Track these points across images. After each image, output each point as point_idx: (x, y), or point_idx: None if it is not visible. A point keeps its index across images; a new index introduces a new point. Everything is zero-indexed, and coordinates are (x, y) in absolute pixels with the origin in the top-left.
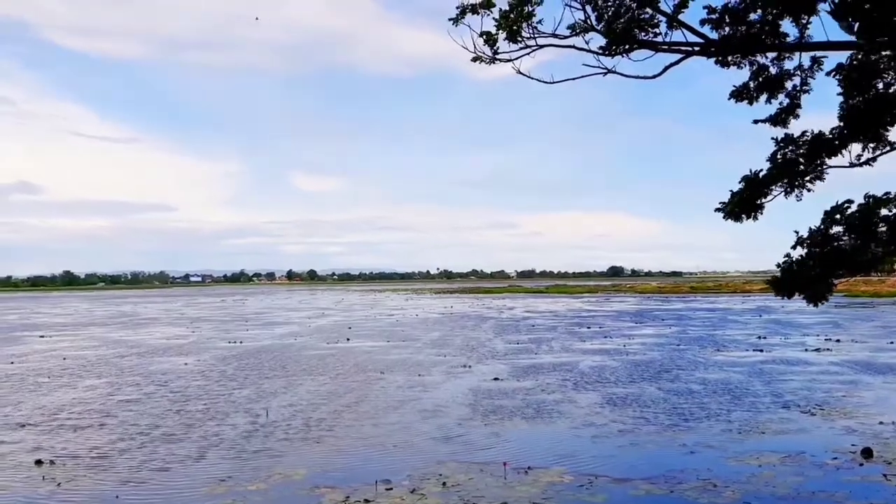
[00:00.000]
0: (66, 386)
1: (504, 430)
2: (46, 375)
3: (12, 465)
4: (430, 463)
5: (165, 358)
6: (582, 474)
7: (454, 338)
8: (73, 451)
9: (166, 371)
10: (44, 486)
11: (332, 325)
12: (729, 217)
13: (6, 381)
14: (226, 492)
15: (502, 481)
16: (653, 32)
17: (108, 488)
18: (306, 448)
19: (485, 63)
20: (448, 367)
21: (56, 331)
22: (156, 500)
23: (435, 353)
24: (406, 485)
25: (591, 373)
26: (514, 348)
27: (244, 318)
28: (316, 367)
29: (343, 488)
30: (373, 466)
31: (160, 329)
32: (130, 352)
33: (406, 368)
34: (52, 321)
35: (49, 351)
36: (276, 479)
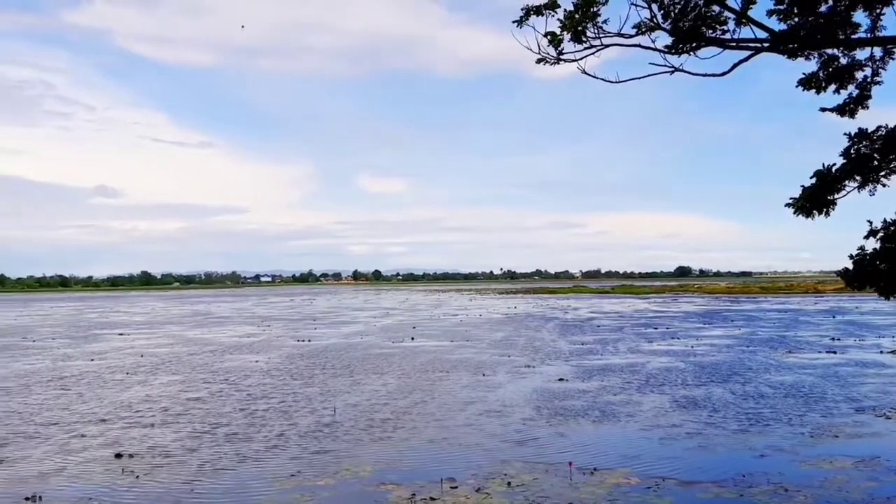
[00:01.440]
0: (143, 382)
1: (569, 431)
2: (125, 372)
3: (94, 458)
4: (495, 462)
5: (237, 356)
6: (648, 476)
7: (518, 338)
8: (150, 444)
9: (238, 368)
10: (123, 478)
11: (397, 324)
12: (799, 212)
13: (88, 378)
14: (295, 486)
15: (567, 482)
16: (720, 29)
17: (183, 481)
18: (372, 445)
19: (549, 64)
20: (512, 367)
21: (134, 329)
22: (229, 493)
23: (499, 353)
24: (471, 483)
25: (657, 374)
26: (579, 349)
27: (312, 318)
28: (381, 367)
29: (409, 485)
30: (438, 465)
31: (232, 328)
32: (204, 350)
33: (470, 368)
34: (130, 320)
35: (127, 348)
36: (344, 475)
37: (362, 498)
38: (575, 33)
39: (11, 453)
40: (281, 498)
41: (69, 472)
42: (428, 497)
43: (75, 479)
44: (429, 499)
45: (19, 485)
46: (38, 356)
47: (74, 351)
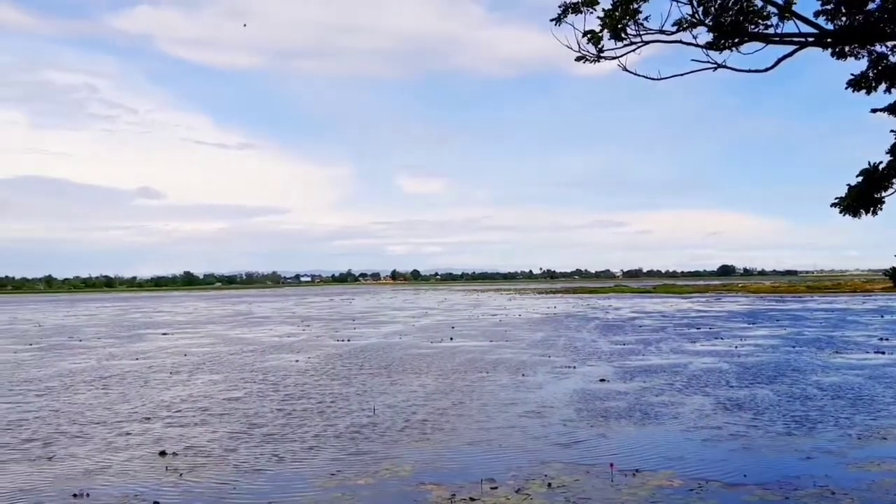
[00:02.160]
0: (185, 381)
1: (610, 432)
2: (168, 371)
3: (139, 455)
4: (535, 463)
5: (278, 355)
6: (692, 478)
7: (558, 338)
8: (192, 443)
9: (278, 368)
10: (167, 475)
11: (436, 324)
12: (846, 212)
13: (132, 377)
14: (336, 485)
15: (609, 483)
16: (763, 24)
17: (226, 479)
18: (412, 445)
19: (589, 61)
20: (552, 367)
21: (177, 328)
22: (270, 491)
23: (539, 353)
24: (511, 484)
25: (700, 375)
26: (620, 349)
27: (351, 318)
28: (420, 367)
29: (449, 485)
30: (478, 465)
31: (272, 327)
32: (245, 349)
33: (510, 369)
34: (173, 319)
35: (171, 348)
36: (384, 475)
37: (402, 497)
38: (615, 31)
39: (59, 451)
40: (322, 496)
41: (115, 469)
42: (468, 497)
43: (121, 477)
44: (468, 499)
45: (67, 482)
46: (84, 355)
47: (119, 350)
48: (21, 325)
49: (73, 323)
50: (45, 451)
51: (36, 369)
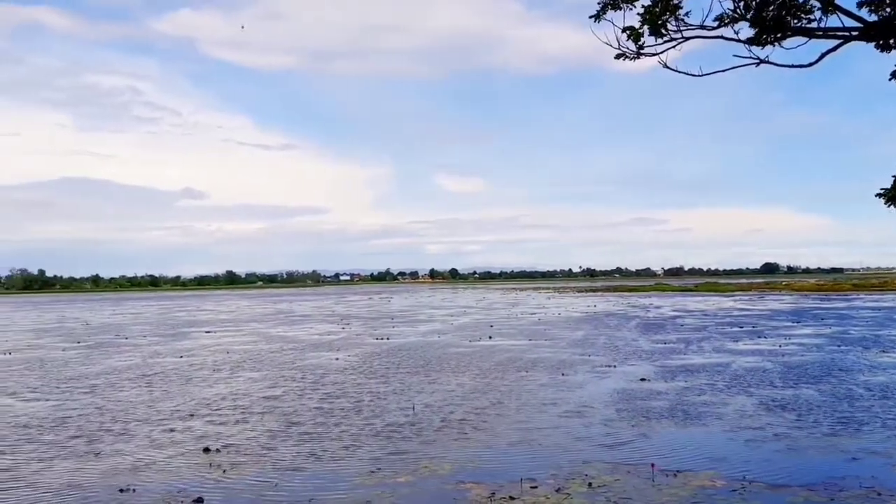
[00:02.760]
0: (229, 378)
1: (652, 432)
2: (211, 369)
3: (183, 451)
4: (576, 463)
5: (317, 353)
6: (734, 479)
7: (598, 337)
8: (235, 440)
9: (319, 366)
10: (211, 472)
11: (474, 323)
12: (891, 203)
13: (176, 374)
14: (376, 483)
15: (650, 483)
16: (806, 18)
17: (268, 476)
18: (451, 443)
19: (629, 58)
20: (592, 366)
21: (220, 327)
22: (311, 487)
23: (578, 352)
24: (551, 483)
25: (744, 374)
26: (662, 348)
27: (390, 316)
28: (459, 365)
29: (488, 484)
30: (517, 464)
31: (313, 325)
32: (286, 347)
33: (549, 367)
34: (216, 318)
35: (214, 345)
36: (423, 473)
37: (442, 495)
38: (655, 27)
39: (105, 447)
40: (362, 494)
41: (159, 465)
42: (507, 496)
43: (165, 473)
44: (508, 498)
45: (113, 477)
46: (130, 353)
47: (163, 348)
48: (69, 323)
49: (119, 321)
50: (92, 447)
51: (83, 367)
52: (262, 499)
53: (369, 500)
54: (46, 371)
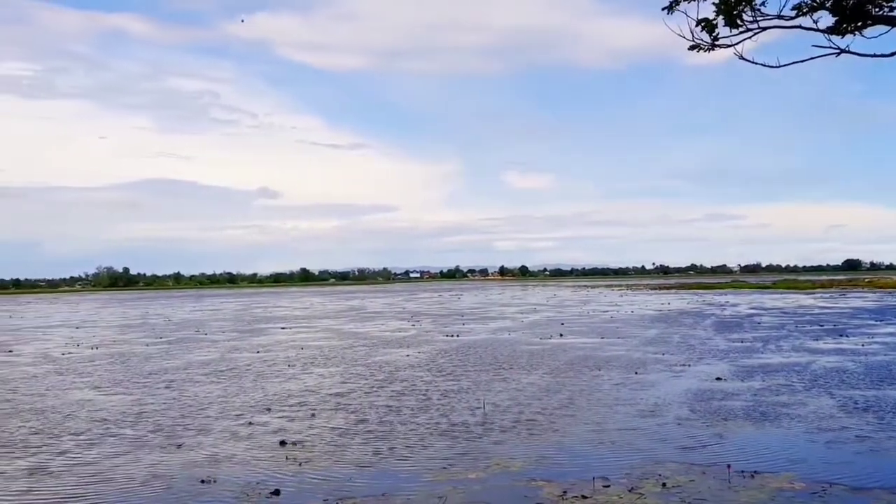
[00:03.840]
0: (304, 373)
1: (728, 432)
2: (286, 364)
3: (261, 445)
4: (649, 462)
5: (389, 350)
6: (814, 481)
7: (672, 335)
8: (310, 434)
9: (389, 362)
10: (287, 465)
11: (545, 320)
12: None
13: (253, 369)
14: (447, 479)
15: (726, 485)
16: (888, 6)
17: (342, 470)
18: (522, 441)
19: (704, 50)
20: (666, 365)
21: (294, 323)
22: (384, 482)
23: (652, 350)
24: (624, 483)
25: (824, 374)
26: (738, 347)
27: (460, 313)
28: (530, 363)
29: (560, 482)
30: (589, 463)
31: (384, 322)
32: (358, 343)
33: (622, 366)
34: (291, 314)
35: (289, 341)
36: (494, 470)
37: (513, 492)
38: (730, 18)
39: (187, 439)
40: (434, 489)
41: (239, 457)
42: (580, 495)
43: (244, 465)
44: (580, 496)
45: (195, 468)
46: (209, 348)
47: (241, 344)
48: (152, 319)
49: (198, 317)
50: (173, 439)
51: (164, 361)
52: (336, 492)
53: (441, 496)
54: (130, 366)
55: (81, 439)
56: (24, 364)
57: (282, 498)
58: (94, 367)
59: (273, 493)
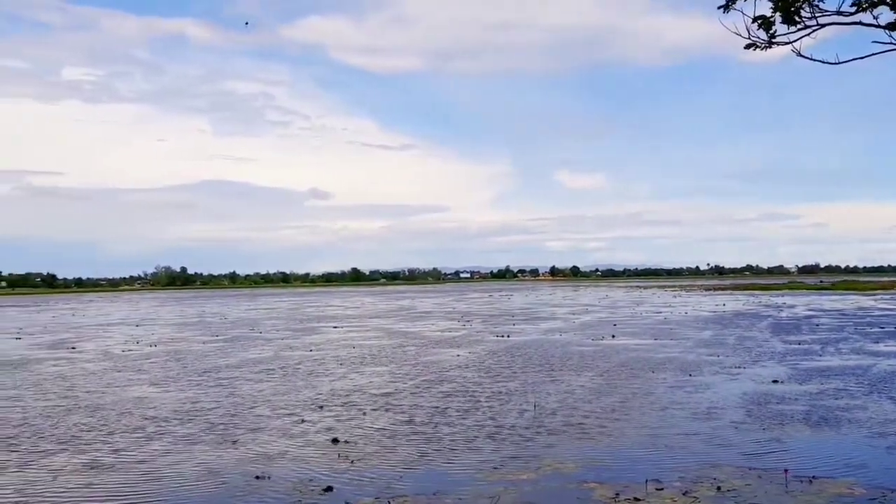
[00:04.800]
0: (355, 372)
1: (785, 436)
2: (338, 363)
3: (313, 442)
4: (703, 465)
5: (439, 349)
6: (875, 487)
7: (727, 337)
8: (362, 432)
9: (440, 362)
10: (339, 462)
11: (597, 321)
12: None
13: (306, 367)
14: (498, 479)
15: (783, 489)
16: None
17: (393, 468)
18: (574, 442)
19: (760, 48)
20: (721, 367)
21: (346, 322)
22: (436, 481)
23: (706, 352)
24: (678, 486)
25: (885, 377)
26: (795, 349)
27: (510, 314)
28: (581, 364)
29: (612, 484)
30: (642, 465)
31: (434, 322)
32: (408, 343)
33: (675, 368)
34: (342, 314)
35: (341, 340)
36: (546, 471)
37: (564, 494)
38: (787, 15)
39: (241, 436)
40: (485, 489)
41: (291, 454)
42: (632, 497)
43: (297, 462)
44: (633, 499)
45: (249, 464)
46: (264, 346)
47: (294, 342)
48: (208, 318)
49: (253, 316)
50: (228, 435)
51: (220, 359)
52: (388, 490)
53: (493, 496)
54: (186, 363)
55: (138, 435)
56: (85, 361)
57: (334, 495)
58: (151, 365)
59: (325, 490)
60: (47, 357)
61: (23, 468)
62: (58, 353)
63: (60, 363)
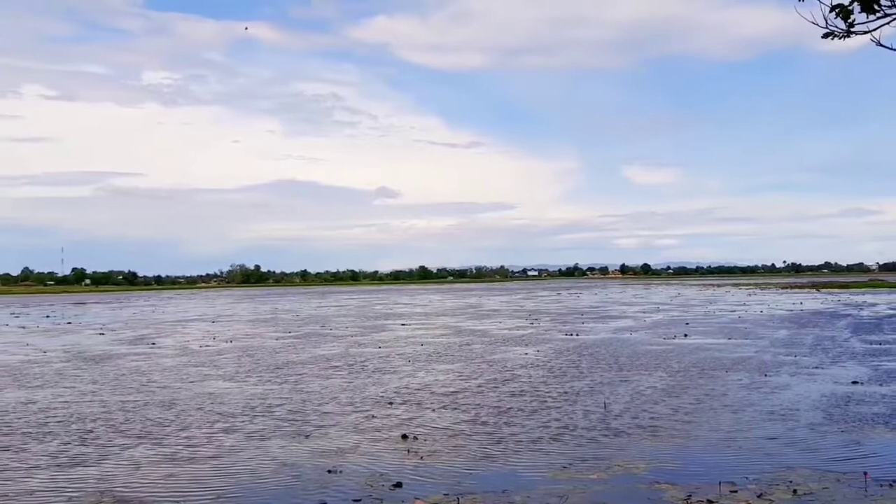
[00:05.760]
0: (423, 370)
1: (865, 439)
2: (407, 359)
3: (383, 438)
4: (779, 468)
5: (507, 347)
6: None
7: (804, 336)
8: (430, 428)
9: (508, 360)
10: (409, 458)
11: (668, 320)
12: None
13: (375, 363)
14: (567, 478)
15: (862, 493)
16: None
17: (462, 465)
18: (645, 443)
19: (838, 38)
20: (797, 367)
21: (414, 320)
22: (504, 478)
23: (783, 352)
24: (752, 489)
25: None
26: (876, 349)
27: (579, 312)
28: (652, 363)
29: (684, 486)
30: (715, 467)
31: (502, 320)
32: (476, 341)
33: (750, 368)
34: (411, 311)
35: (409, 337)
36: (616, 471)
37: (635, 494)
38: (866, 3)
39: (313, 430)
40: (554, 487)
41: (362, 449)
42: (705, 499)
43: (367, 457)
44: (706, 501)
45: (321, 458)
46: (334, 343)
47: (363, 339)
48: (281, 315)
49: (323, 313)
50: (300, 430)
51: (292, 355)
52: (457, 487)
53: (562, 495)
54: (260, 359)
55: (214, 428)
56: (163, 356)
57: (404, 490)
58: (226, 360)
59: (395, 486)
60: (128, 352)
61: (100, 461)
62: (137, 349)
63: (140, 358)
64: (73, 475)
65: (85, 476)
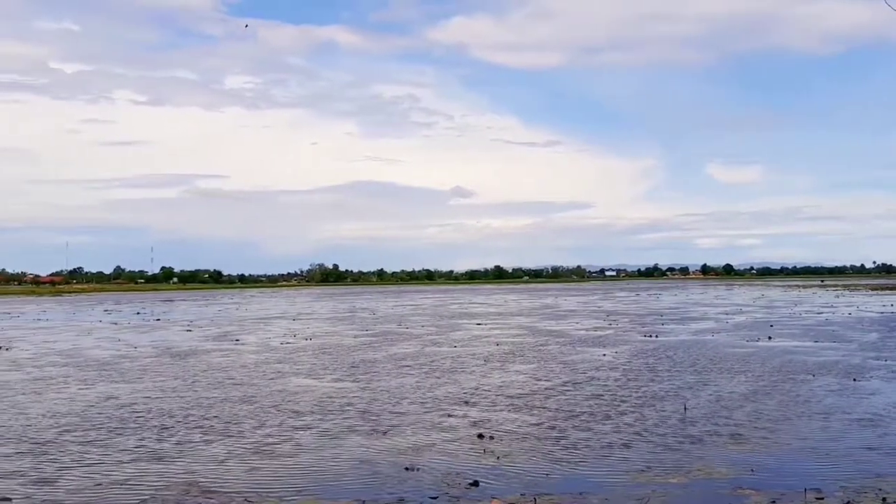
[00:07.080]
0: (499, 369)
1: None
2: (482, 359)
3: (460, 437)
4: (868, 475)
5: (584, 348)
6: None
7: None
8: (506, 428)
9: (585, 361)
10: (485, 457)
11: (751, 322)
12: None
13: (452, 363)
14: (647, 481)
15: None
16: None
17: (538, 466)
18: (726, 448)
19: None
20: (889, 372)
21: (490, 319)
22: (582, 480)
23: (873, 356)
24: (839, 496)
25: None
26: None
27: (659, 313)
28: (734, 366)
29: (768, 492)
30: (800, 473)
31: (579, 321)
32: (552, 341)
33: (838, 371)
34: (485, 311)
35: (484, 337)
36: (697, 475)
37: (717, 499)
38: None
39: (390, 428)
40: (633, 491)
41: (438, 447)
42: None
43: (444, 455)
44: None
45: (399, 455)
46: (409, 342)
47: (439, 338)
48: (359, 313)
49: (400, 312)
50: (377, 427)
51: (369, 353)
52: (533, 487)
53: (641, 498)
54: (338, 356)
55: (293, 424)
56: (246, 352)
57: (480, 489)
58: (307, 357)
59: (472, 485)
60: (213, 348)
61: (184, 455)
62: (223, 345)
63: (224, 354)
64: (158, 468)
65: (170, 469)
